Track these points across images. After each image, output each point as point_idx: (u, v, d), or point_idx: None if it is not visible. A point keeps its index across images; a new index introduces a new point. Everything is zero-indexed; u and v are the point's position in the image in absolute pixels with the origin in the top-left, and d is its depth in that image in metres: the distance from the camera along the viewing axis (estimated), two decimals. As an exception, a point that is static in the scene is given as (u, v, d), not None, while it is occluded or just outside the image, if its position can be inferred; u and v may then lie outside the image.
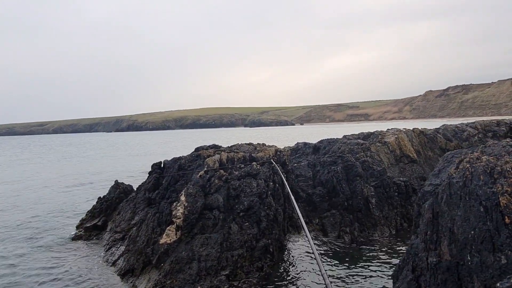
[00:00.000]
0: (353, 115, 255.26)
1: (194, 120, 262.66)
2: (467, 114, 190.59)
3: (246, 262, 8.38)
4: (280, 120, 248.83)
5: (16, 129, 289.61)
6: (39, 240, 11.69)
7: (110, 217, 12.43)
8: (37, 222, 14.09)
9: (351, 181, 12.25)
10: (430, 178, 5.67)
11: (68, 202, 17.87)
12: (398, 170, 15.01)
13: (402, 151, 15.54)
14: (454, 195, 4.28)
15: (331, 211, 11.76)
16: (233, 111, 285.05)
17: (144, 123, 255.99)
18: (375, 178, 12.54)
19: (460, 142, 17.81)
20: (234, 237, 8.58)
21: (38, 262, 9.75)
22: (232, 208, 9.23)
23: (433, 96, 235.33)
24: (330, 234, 10.96)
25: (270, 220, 9.23)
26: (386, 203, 11.98)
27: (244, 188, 9.55)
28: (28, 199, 18.94)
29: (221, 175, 9.81)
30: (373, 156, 14.83)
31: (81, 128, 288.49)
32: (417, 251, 5.03)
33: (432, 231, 4.70)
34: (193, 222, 8.57)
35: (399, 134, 16.24)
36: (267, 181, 10.05)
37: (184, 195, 8.95)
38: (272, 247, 8.94)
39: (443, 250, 4.44)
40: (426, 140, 17.21)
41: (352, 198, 11.82)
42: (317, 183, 13.11)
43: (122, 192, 13.31)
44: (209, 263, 7.93)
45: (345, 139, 17.03)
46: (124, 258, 8.95)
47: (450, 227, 4.27)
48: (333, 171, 12.50)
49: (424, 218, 4.96)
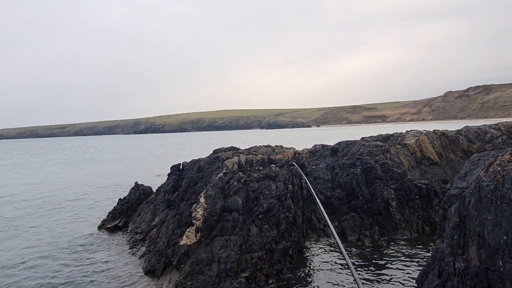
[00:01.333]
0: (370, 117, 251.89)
1: (210, 122, 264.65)
2: (489, 115, 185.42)
3: (265, 265, 8.36)
4: (296, 122, 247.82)
5: (39, 131, 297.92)
6: (62, 240, 11.96)
7: (130, 218, 12.62)
8: (61, 222, 14.43)
9: (371, 183, 12.08)
10: (456, 181, 5.53)
11: (90, 203, 18.24)
12: (419, 172, 14.72)
13: (423, 153, 15.23)
14: (484, 198, 4.16)
15: (350, 214, 11.62)
16: (249, 113, 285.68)
17: (162, 125, 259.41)
18: (395, 181, 12.33)
19: (483, 144, 17.34)
20: (253, 239, 8.58)
21: (60, 262, 9.97)
22: (251, 210, 9.23)
23: (453, 97, 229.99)
24: (350, 237, 10.82)
25: (289, 223, 9.19)
26: (407, 206, 11.75)
27: (263, 190, 9.54)
28: (53, 199, 19.44)
29: (240, 177, 9.83)
30: (392, 158, 14.58)
31: (101, 130, 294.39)
32: (443, 255, 4.91)
33: (459, 236, 4.58)
34: (212, 224, 8.61)
35: (419, 136, 15.92)
36: (286, 183, 10.01)
37: (204, 197, 9.01)
38: (291, 250, 8.90)
39: (471, 255, 4.32)
40: (448, 142, 16.82)
41: (371, 201, 11.65)
42: (336, 186, 12.98)
43: (142, 193, 13.50)
44: (228, 265, 7.95)
45: (364, 141, 16.82)
46: (145, 258, 9.07)
47: (479, 231, 4.15)
48: (352, 173, 12.36)
49: (451, 222, 4.84)
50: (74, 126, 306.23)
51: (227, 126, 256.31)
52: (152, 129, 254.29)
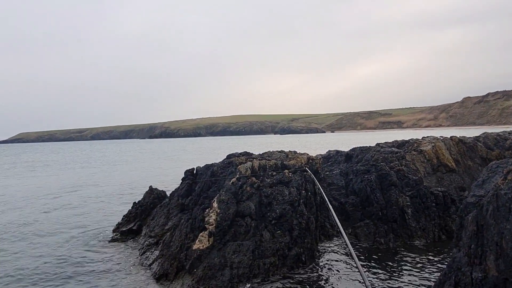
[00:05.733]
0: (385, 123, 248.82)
1: (224, 127, 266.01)
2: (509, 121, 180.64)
3: (278, 271, 8.32)
4: (311, 128, 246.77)
5: (57, 135, 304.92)
6: (78, 242, 12.16)
7: (144, 221, 12.75)
8: (76, 224, 14.68)
9: (386, 190, 11.91)
10: (473, 189, 5.41)
11: (105, 207, 18.52)
12: (436, 179, 14.44)
13: (440, 160, 14.95)
14: (502, 207, 4.05)
15: (364, 221, 11.48)
16: (262, 119, 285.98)
17: (176, 130, 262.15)
18: (411, 188, 12.12)
19: (503, 151, 16.91)
20: (266, 244, 8.56)
21: (75, 263, 10.13)
22: (264, 215, 9.22)
23: (471, 102, 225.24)
24: (364, 244, 10.67)
25: (302, 229, 9.13)
26: (423, 213, 11.53)
27: (276, 195, 9.52)
28: (70, 201, 19.82)
29: (253, 182, 9.84)
30: (408, 165, 14.36)
31: (117, 134, 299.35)
32: (459, 265, 4.80)
33: (477, 245, 4.47)
34: (225, 229, 8.62)
35: (436, 142, 15.64)
36: (299, 189, 9.96)
37: (217, 201, 9.04)
38: (304, 256, 8.84)
39: (489, 265, 4.21)
40: (466, 148, 16.47)
41: (386, 208, 11.48)
42: (350, 192, 12.85)
43: (156, 197, 13.63)
44: (241, 270, 7.94)
45: (378, 147, 16.62)
46: (159, 262, 9.13)
47: (497, 241, 4.04)
48: (367, 180, 12.22)
49: (468, 231, 4.73)
50: (91, 130, 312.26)
51: (241, 131, 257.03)
52: (166, 133, 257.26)
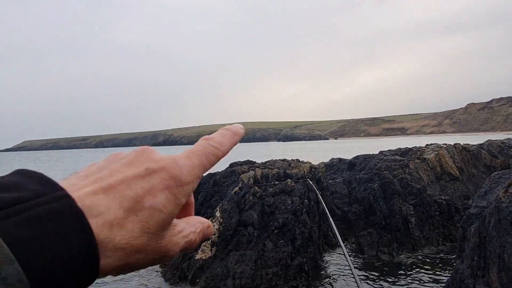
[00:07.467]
0: (389, 129, 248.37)
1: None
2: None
3: (280, 281, 8.28)
4: (314, 135, 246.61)
5: (61, 143, 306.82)
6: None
7: (147, 230, 12.77)
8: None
9: (389, 199, 11.87)
10: (476, 200, 5.39)
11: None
12: (439, 188, 14.37)
13: (443, 168, 14.89)
14: (503, 220, 4.04)
15: (367, 230, 11.42)
16: (266, 126, 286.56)
17: (179, 138, 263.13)
18: (414, 196, 12.07)
19: (507, 158, 16.80)
20: (268, 254, 8.54)
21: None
22: (266, 225, 9.20)
23: (475, 109, 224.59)
24: (367, 254, 10.61)
25: (305, 238, 9.10)
26: (427, 223, 11.46)
27: (279, 205, 9.51)
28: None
29: (256, 191, 9.85)
30: (411, 173, 14.31)
31: (120, 142, 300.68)
32: (462, 277, 4.77)
33: (479, 257, 4.45)
34: (228, 239, 8.61)
35: (439, 150, 15.60)
36: (302, 198, 9.95)
37: (219, 211, 9.05)
38: (307, 266, 8.79)
39: (492, 277, 4.18)
40: (469, 156, 16.39)
41: (390, 217, 11.42)
42: (353, 201, 12.82)
43: (159, 206, 13.67)
44: (243, 280, 7.91)
45: (382, 155, 16.58)
46: (161, 272, 9.12)
47: (500, 253, 4.02)
48: (370, 188, 12.18)
49: (470, 242, 4.71)
50: (95, 138, 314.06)
51: (244, 139, 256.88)
52: (170, 141, 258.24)
